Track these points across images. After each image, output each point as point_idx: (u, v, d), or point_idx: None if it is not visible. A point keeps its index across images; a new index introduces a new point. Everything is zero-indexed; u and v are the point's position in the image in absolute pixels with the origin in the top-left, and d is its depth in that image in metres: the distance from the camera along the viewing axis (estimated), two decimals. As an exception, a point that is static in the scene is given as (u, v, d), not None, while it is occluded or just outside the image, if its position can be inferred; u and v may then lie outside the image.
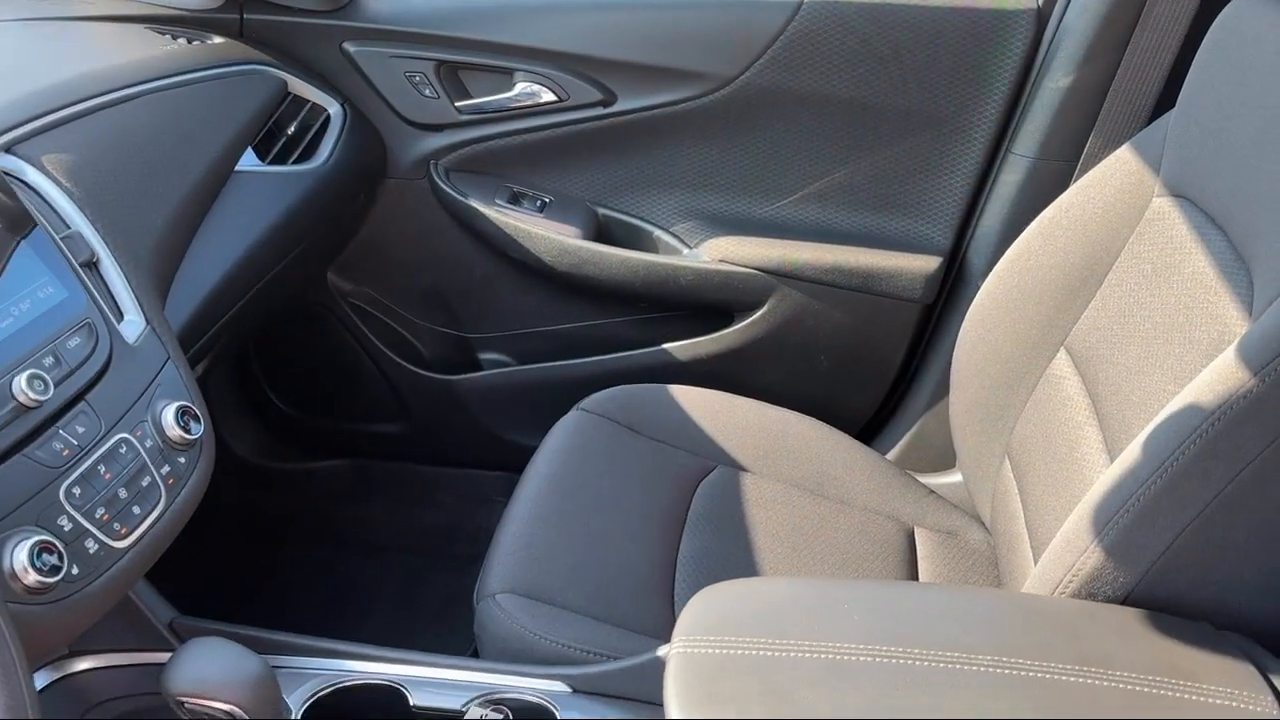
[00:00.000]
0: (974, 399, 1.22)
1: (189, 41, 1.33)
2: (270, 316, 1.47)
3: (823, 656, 0.75)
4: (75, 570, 0.73)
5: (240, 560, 1.64)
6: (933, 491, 1.33)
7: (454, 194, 1.50)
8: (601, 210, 1.54)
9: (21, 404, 0.75)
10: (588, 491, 1.20)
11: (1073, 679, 0.73)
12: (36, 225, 0.84)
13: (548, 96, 1.46)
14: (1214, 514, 0.78)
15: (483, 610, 1.03)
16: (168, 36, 1.32)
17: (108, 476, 0.77)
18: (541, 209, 1.52)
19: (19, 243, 0.82)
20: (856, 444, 1.37)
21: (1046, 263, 1.13)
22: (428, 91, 1.46)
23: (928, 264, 1.45)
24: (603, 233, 1.54)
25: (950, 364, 1.26)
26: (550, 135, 1.49)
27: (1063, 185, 1.25)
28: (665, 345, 1.55)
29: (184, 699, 0.73)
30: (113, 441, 0.79)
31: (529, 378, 1.62)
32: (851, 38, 1.38)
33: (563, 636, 0.99)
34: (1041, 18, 1.35)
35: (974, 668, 0.74)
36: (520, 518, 1.14)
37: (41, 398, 0.75)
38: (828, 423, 1.38)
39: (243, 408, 1.71)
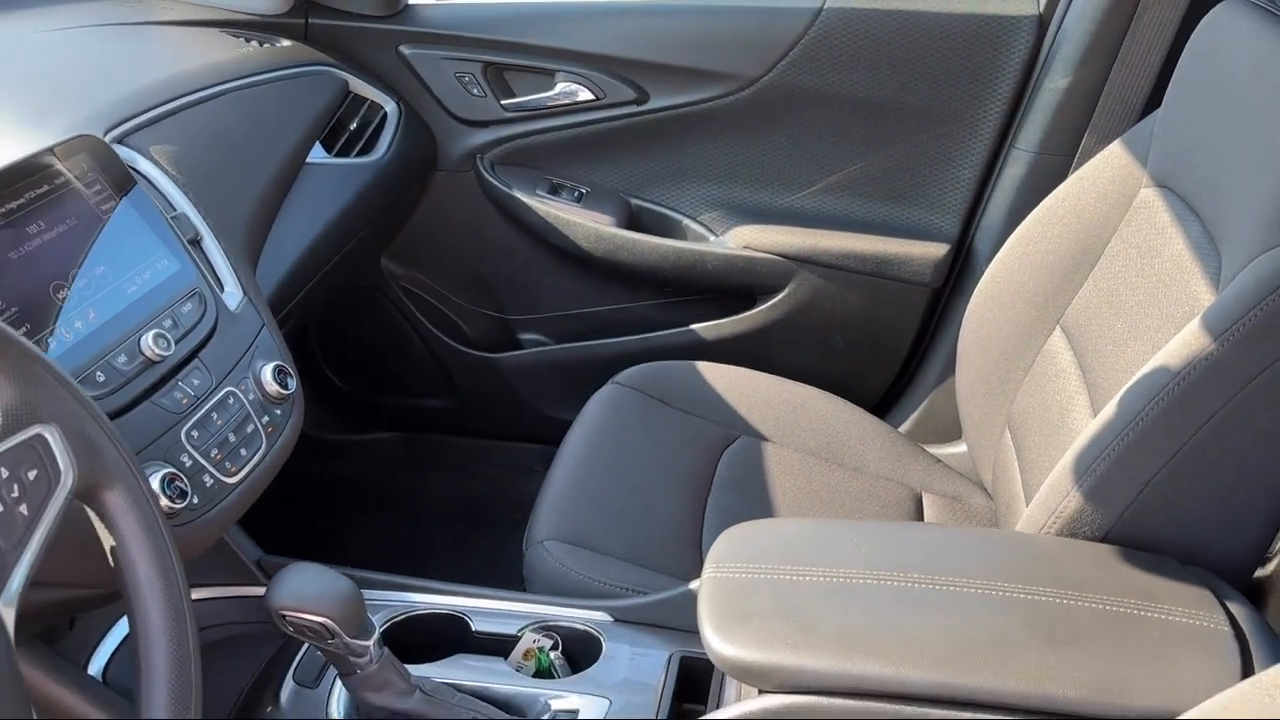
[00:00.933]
0: (978, 375, 1.29)
1: (260, 44, 1.44)
2: (332, 297, 1.58)
3: (833, 580, 0.86)
4: (196, 500, 0.85)
5: (295, 526, 1.74)
6: (940, 460, 1.41)
7: (498, 185, 1.59)
8: (634, 200, 1.63)
9: (149, 358, 0.87)
10: (623, 454, 1.29)
11: (1051, 599, 0.83)
12: (135, 184, 0.96)
13: (586, 95, 1.55)
14: (1180, 463, 0.87)
15: (531, 555, 1.14)
16: (241, 39, 1.44)
17: (219, 422, 0.90)
18: (579, 199, 1.60)
19: (122, 198, 0.94)
20: (869, 416, 1.44)
21: (1045, 248, 1.21)
22: (476, 91, 1.56)
23: (936, 251, 1.53)
24: (635, 221, 1.62)
25: (956, 343, 1.33)
26: (588, 131, 1.57)
27: (1061, 177, 1.31)
28: (693, 326, 1.63)
29: (285, 612, 0.85)
30: (222, 393, 0.91)
31: (566, 356, 1.70)
32: (867, 41, 1.46)
33: (603, 576, 1.09)
34: (1042, 23, 1.43)
35: (964, 589, 0.84)
36: (563, 475, 1.25)
37: (165, 353, 0.88)
38: (843, 397, 1.45)
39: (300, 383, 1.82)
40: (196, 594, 1.07)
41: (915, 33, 1.45)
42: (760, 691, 0.82)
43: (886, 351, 1.63)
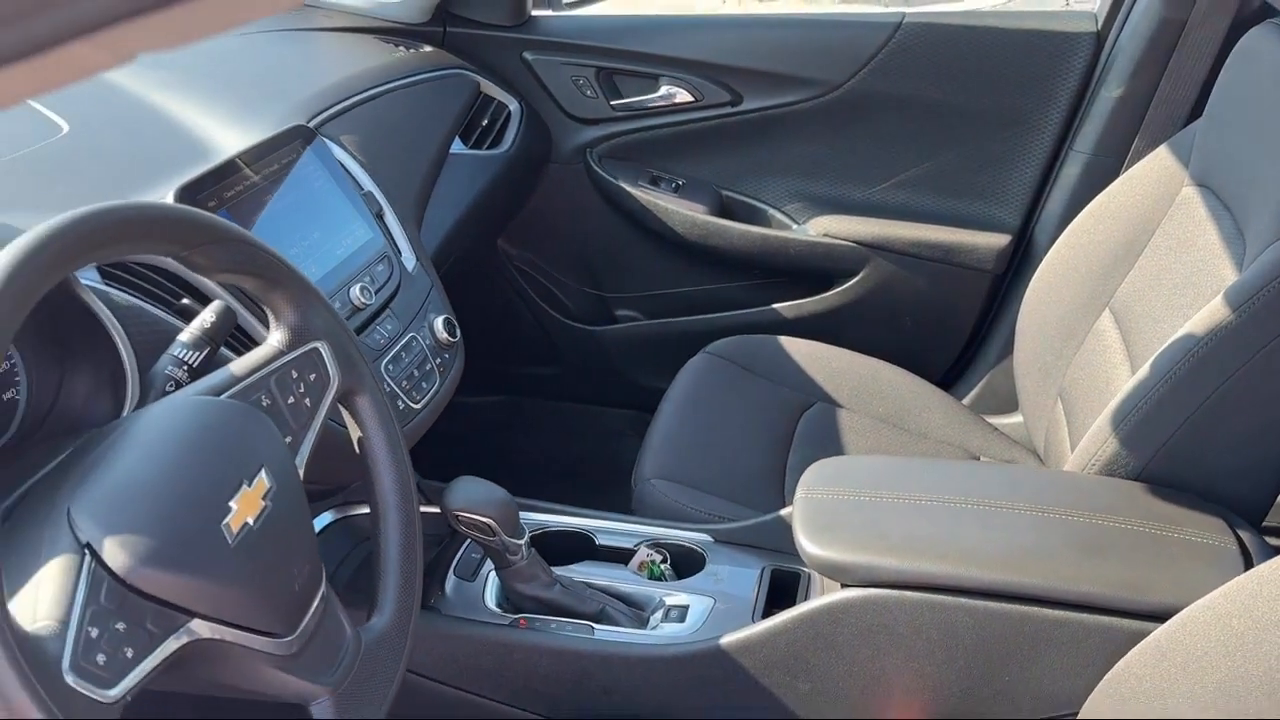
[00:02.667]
0: (1034, 352, 1.43)
1: (406, 50, 1.65)
2: (458, 272, 1.78)
3: (905, 501, 1.04)
4: (392, 419, 1.06)
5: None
6: (997, 429, 1.56)
7: (605, 176, 1.78)
8: (725, 192, 1.79)
9: (356, 306, 1.08)
10: (715, 413, 1.46)
11: (1088, 520, 1.00)
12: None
13: (685, 97, 1.73)
14: (1202, 415, 1.03)
15: (640, 489, 1.33)
16: (390, 45, 1.65)
17: (406, 360, 1.11)
18: (676, 190, 1.78)
19: (329, 177, 1.15)
20: (934, 389, 1.58)
21: (1097, 239, 1.35)
22: (589, 92, 1.75)
23: (999, 241, 1.68)
24: (726, 210, 1.79)
25: (1015, 323, 1.47)
26: (686, 129, 1.75)
27: (1113, 177, 1.44)
28: (775, 305, 1.80)
29: (459, 513, 1.05)
30: (407, 337, 1.12)
31: (659, 330, 1.88)
32: (942, 53, 1.62)
33: (703, 507, 1.27)
34: (1099, 40, 1.58)
35: (1014, 511, 1.02)
36: (664, 425, 1.43)
37: (367, 303, 1.09)
38: (910, 371, 1.59)
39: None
40: (366, 509, 1.29)
41: (985, 46, 1.60)
42: (843, 586, 1.00)
43: (951, 330, 1.77)
